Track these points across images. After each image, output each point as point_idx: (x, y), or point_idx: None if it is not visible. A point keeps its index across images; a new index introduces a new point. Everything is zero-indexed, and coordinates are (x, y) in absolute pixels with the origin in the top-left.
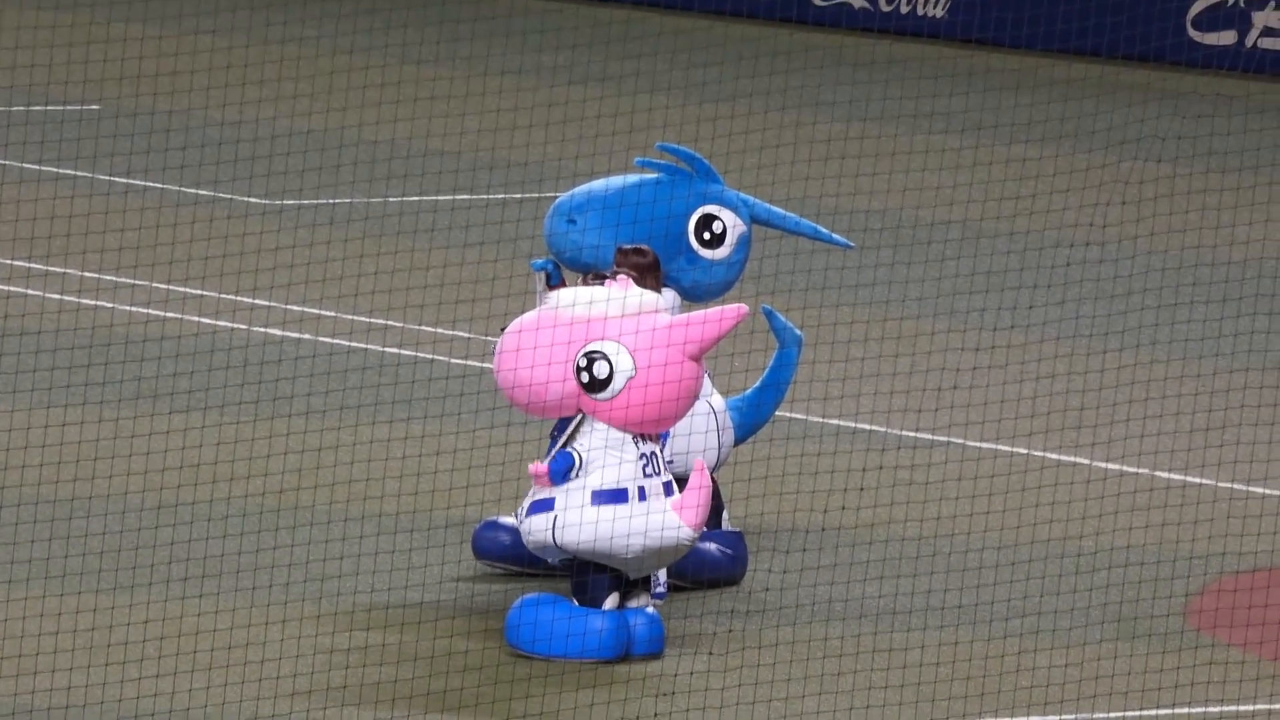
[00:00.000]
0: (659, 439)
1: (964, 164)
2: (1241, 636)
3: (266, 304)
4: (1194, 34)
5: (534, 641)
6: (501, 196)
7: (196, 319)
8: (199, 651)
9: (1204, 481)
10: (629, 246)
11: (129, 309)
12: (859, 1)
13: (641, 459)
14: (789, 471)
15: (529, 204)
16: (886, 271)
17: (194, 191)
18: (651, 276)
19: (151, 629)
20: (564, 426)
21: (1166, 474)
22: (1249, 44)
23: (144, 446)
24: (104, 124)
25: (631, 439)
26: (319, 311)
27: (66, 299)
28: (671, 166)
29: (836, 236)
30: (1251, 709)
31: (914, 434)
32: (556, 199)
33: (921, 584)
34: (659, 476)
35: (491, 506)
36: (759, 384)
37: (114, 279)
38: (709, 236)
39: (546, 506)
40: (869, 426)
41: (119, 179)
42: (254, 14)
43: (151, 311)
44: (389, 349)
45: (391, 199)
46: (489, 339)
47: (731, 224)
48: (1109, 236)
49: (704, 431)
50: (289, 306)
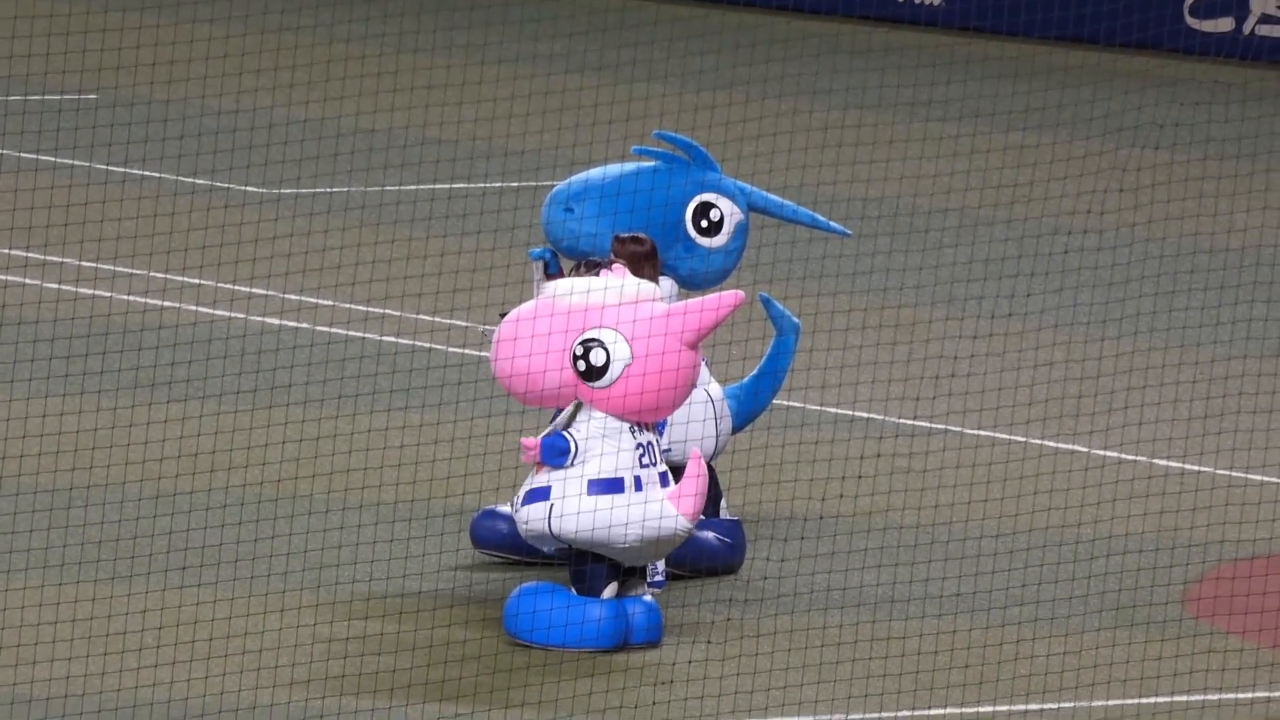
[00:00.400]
0: (656, 429)
1: (961, 152)
2: (1240, 624)
3: (264, 293)
4: (1192, 21)
5: (532, 630)
6: (499, 185)
7: (194, 308)
8: (197, 641)
9: (1202, 469)
10: (626, 235)
11: (126, 298)
12: None
13: (638, 449)
14: (787, 460)
15: (526, 192)
16: (884, 259)
17: (191, 180)
18: (649, 265)
19: (150, 618)
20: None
21: (1165, 462)
22: (1247, 31)
23: (142, 435)
24: (101, 113)
25: (628, 429)
26: (317, 300)
27: (64, 288)
28: (669, 154)
29: (834, 224)
30: (1250, 696)
31: (912, 422)
32: (554, 187)
33: (920, 572)
34: (655, 466)
35: (490, 495)
36: (756, 372)
37: (111, 268)
38: (706, 224)
39: (543, 496)
40: (867, 414)
41: (116, 168)
42: (251, 3)
43: (149, 300)
44: (387, 338)
45: (389, 187)
46: (486, 327)
47: (729, 212)
48: (1107, 224)
49: (702, 420)
50: (287, 295)
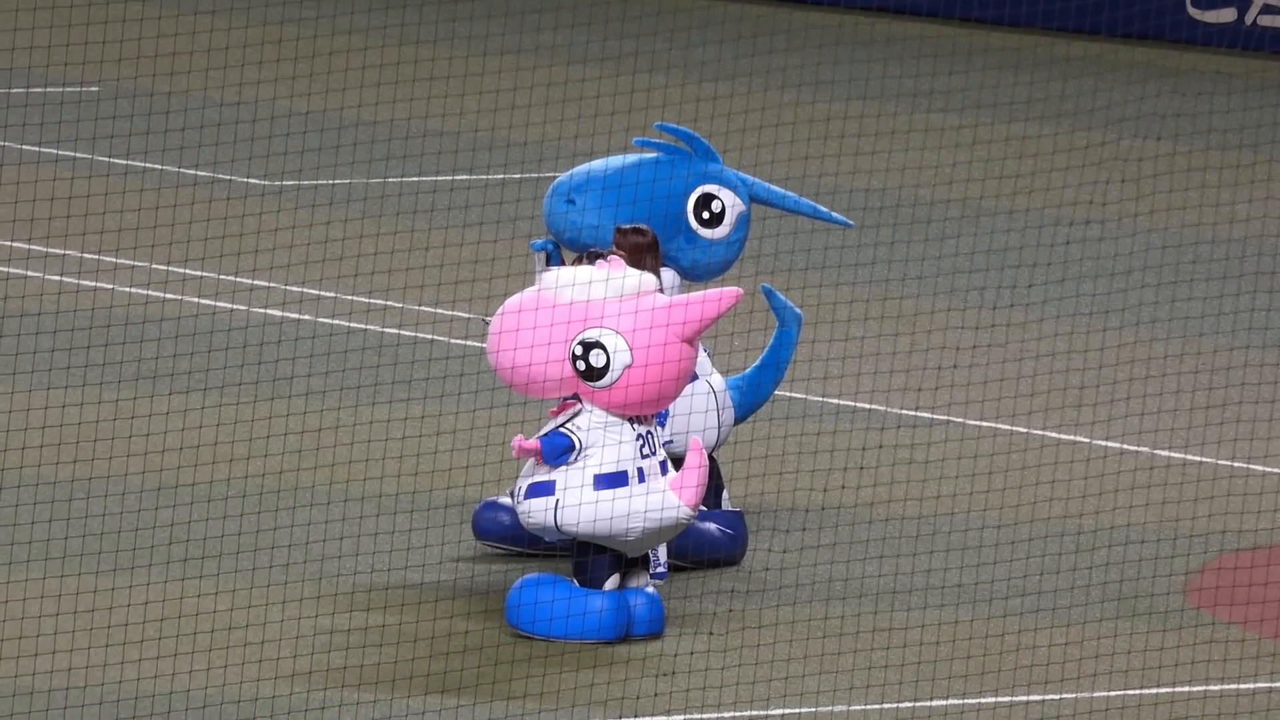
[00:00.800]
0: (655, 419)
1: (963, 142)
2: (1241, 615)
3: (266, 285)
4: (1194, 12)
5: (534, 622)
6: (501, 177)
7: (196, 300)
8: (199, 632)
9: (1204, 460)
10: (628, 226)
11: (129, 290)
12: None
13: (638, 439)
14: (789, 451)
15: (528, 184)
16: (886, 250)
17: (193, 172)
18: (651, 256)
19: (152, 610)
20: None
21: (1166, 452)
22: (1248, 21)
23: (144, 427)
24: (103, 105)
25: (627, 420)
26: (319, 292)
27: (66, 280)
28: (670, 146)
29: (836, 215)
30: (1252, 687)
31: (914, 413)
32: (555, 179)
33: (921, 563)
34: (655, 456)
35: (491, 487)
36: (759, 363)
37: (114, 260)
38: (708, 216)
39: (546, 490)
40: (869, 405)
41: (119, 160)
42: None
43: (151, 293)
44: (389, 329)
45: (391, 179)
46: (487, 319)
47: (730, 203)
48: (1108, 215)
49: (704, 411)
50: (289, 287)
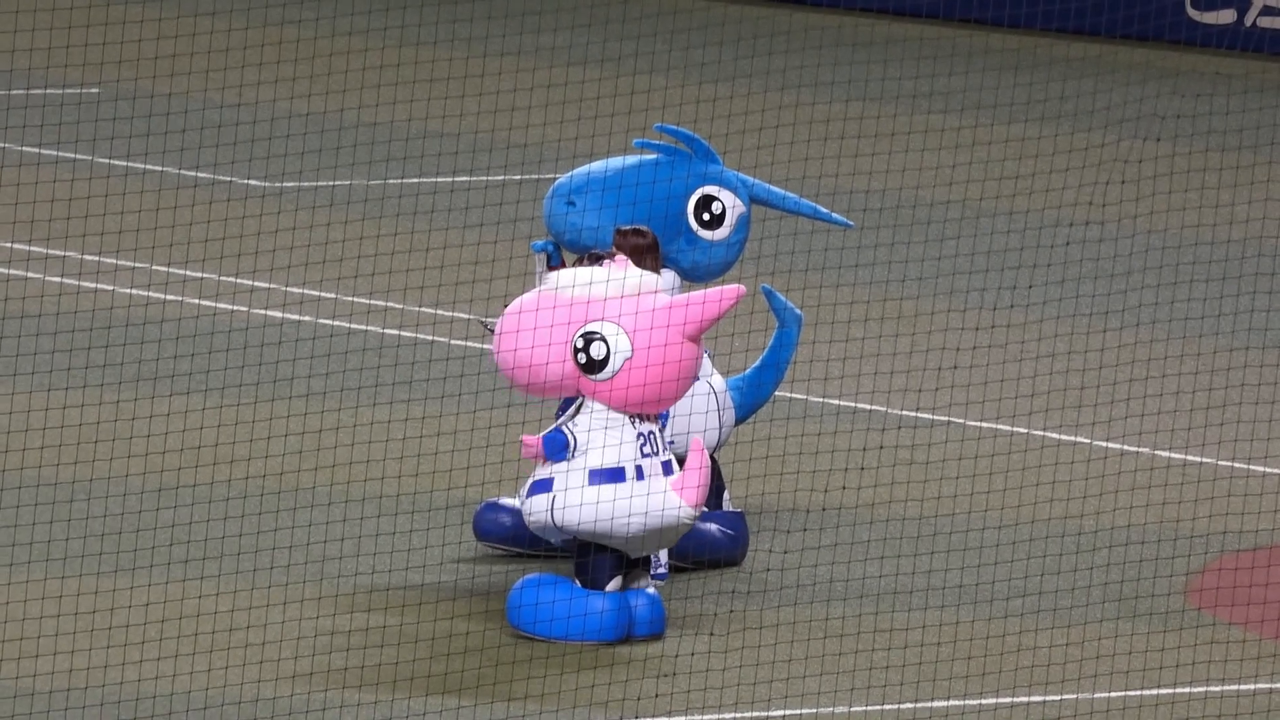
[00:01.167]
0: (658, 419)
1: (963, 144)
2: (1242, 615)
3: (267, 286)
4: (1193, 13)
5: (535, 623)
6: (501, 178)
7: (197, 301)
8: (200, 634)
9: (1204, 460)
10: (628, 228)
11: (129, 291)
12: None
13: (639, 438)
14: (789, 451)
15: (528, 185)
16: (886, 251)
17: (194, 174)
18: (651, 257)
19: (153, 611)
20: (567, 407)
21: (1167, 453)
22: (1248, 23)
23: (145, 429)
24: (104, 106)
25: (629, 419)
26: (319, 293)
27: (67, 282)
28: (670, 147)
29: (836, 216)
30: (1252, 688)
31: (914, 414)
32: (556, 180)
33: (922, 564)
34: (658, 456)
35: (492, 488)
36: (759, 364)
37: (114, 261)
38: (708, 217)
39: (546, 487)
40: (869, 406)
41: (119, 161)
42: None
43: (152, 294)
44: (389, 330)
45: (391, 181)
46: (487, 320)
47: (731, 204)
48: (1108, 216)
49: (705, 411)
50: (289, 288)
